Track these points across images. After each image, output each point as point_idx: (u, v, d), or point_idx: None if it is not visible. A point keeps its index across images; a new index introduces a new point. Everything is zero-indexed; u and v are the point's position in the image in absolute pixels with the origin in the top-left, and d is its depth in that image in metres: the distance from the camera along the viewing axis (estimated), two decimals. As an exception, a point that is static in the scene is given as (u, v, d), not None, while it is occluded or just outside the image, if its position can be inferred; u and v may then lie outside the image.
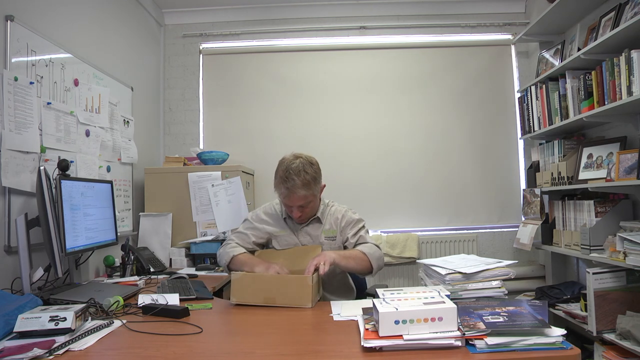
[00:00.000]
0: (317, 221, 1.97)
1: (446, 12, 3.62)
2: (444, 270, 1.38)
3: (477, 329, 1.04)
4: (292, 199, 1.82)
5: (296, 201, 1.82)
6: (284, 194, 1.83)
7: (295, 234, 1.96)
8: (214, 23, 3.67)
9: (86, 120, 2.43)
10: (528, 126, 3.18)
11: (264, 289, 1.55)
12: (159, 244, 2.89)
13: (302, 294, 1.52)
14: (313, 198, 1.87)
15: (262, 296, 1.54)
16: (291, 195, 1.81)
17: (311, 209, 1.91)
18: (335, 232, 1.95)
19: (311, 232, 1.96)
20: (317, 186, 1.89)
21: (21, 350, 1.09)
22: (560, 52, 2.95)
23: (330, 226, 1.96)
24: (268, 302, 1.54)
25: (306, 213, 1.89)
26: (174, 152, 3.53)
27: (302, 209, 1.86)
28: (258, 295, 1.55)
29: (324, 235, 1.95)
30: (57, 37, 2.22)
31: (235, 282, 1.58)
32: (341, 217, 1.96)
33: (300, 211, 1.86)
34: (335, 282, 1.99)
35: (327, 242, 1.94)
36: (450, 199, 3.59)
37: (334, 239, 1.95)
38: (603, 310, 2.18)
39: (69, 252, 1.85)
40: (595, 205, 2.51)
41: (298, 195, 1.80)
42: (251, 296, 1.56)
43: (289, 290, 1.53)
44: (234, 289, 1.58)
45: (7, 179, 1.83)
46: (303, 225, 1.96)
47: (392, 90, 3.64)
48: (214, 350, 1.17)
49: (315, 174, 1.86)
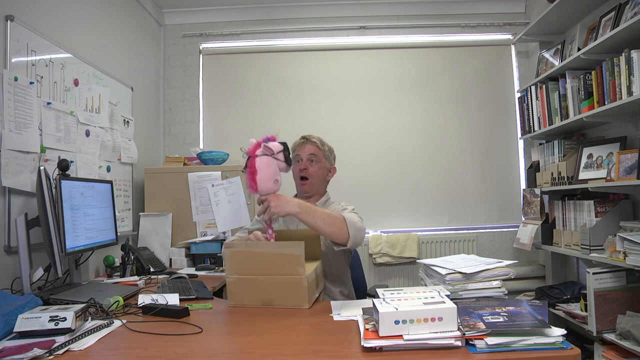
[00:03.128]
0: None
1: (446, 12, 3.62)
2: (444, 270, 1.38)
3: (477, 329, 1.04)
4: (305, 148, 1.98)
5: (308, 150, 1.97)
6: (298, 144, 2.00)
7: (293, 224, 1.95)
8: (214, 23, 3.68)
9: (86, 120, 2.43)
10: (528, 126, 3.18)
11: (260, 291, 1.52)
12: (159, 244, 2.89)
13: (298, 295, 1.49)
14: (322, 161, 1.99)
15: (259, 298, 1.53)
16: (305, 144, 1.98)
17: (316, 174, 1.97)
18: None
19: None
20: (330, 155, 2.04)
21: (21, 350, 1.09)
22: (560, 52, 2.95)
23: None
24: (265, 304, 1.52)
25: (312, 173, 1.95)
26: (174, 152, 3.53)
27: (310, 163, 1.95)
28: (254, 297, 1.53)
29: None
30: (57, 37, 2.22)
31: (231, 285, 1.55)
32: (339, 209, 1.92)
33: (307, 165, 1.94)
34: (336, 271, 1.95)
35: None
36: (450, 199, 3.59)
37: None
38: (603, 310, 2.18)
39: (69, 252, 1.85)
40: (595, 205, 2.51)
41: (312, 144, 1.97)
42: (248, 299, 1.54)
43: (285, 292, 1.50)
44: (230, 292, 1.56)
45: (7, 179, 1.83)
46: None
47: (392, 90, 3.64)
48: (214, 350, 1.17)
49: (331, 148, 2.05)
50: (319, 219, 1.58)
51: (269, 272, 1.51)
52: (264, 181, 1.52)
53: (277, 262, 1.50)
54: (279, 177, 1.56)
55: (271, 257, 1.52)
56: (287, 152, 1.56)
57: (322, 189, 2.06)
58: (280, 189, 1.60)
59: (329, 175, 2.06)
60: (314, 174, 1.97)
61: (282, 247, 1.53)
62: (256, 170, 1.52)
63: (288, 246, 1.51)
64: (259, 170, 1.52)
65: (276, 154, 1.53)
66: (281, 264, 1.49)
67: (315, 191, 2.01)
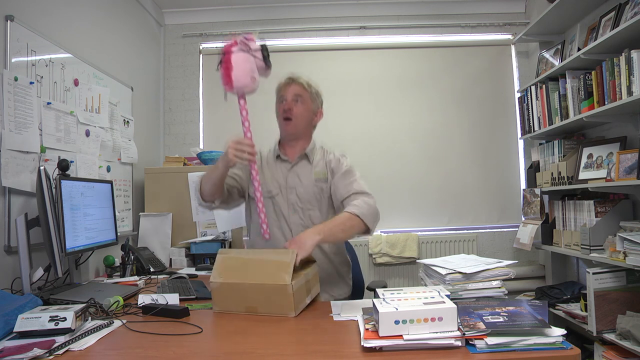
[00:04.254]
0: (305, 160, 1.87)
1: (446, 12, 3.62)
2: (444, 270, 1.38)
3: (477, 329, 1.04)
4: (290, 88, 1.83)
5: (293, 90, 1.82)
6: (283, 84, 1.84)
7: (283, 175, 1.85)
8: (214, 23, 3.67)
9: (86, 120, 2.43)
10: (528, 126, 3.18)
11: (244, 298, 1.46)
12: (159, 244, 2.89)
13: (284, 302, 1.41)
14: (308, 102, 1.84)
15: (242, 305, 1.46)
16: (290, 84, 1.83)
17: (301, 116, 1.83)
18: (327, 174, 1.83)
19: (300, 173, 1.84)
20: (317, 98, 1.89)
21: (21, 350, 1.09)
22: (560, 52, 2.95)
23: (322, 168, 1.85)
24: (249, 311, 1.45)
25: (296, 114, 1.81)
26: (174, 152, 3.53)
27: (295, 103, 1.82)
28: (239, 304, 1.47)
29: (315, 177, 1.83)
30: (57, 37, 2.22)
31: (215, 292, 1.49)
32: (334, 160, 1.85)
33: (292, 105, 1.81)
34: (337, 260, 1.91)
35: (318, 185, 1.82)
36: (450, 199, 3.59)
37: (326, 181, 1.83)
38: (603, 310, 2.18)
39: (69, 252, 1.85)
40: (595, 205, 2.51)
41: (297, 84, 1.82)
42: (232, 305, 1.48)
43: (270, 299, 1.43)
44: (214, 297, 1.50)
45: (7, 179, 1.83)
46: (293, 164, 1.86)
47: (392, 90, 3.64)
48: (214, 350, 1.17)
49: (318, 91, 1.89)
50: (339, 233, 1.61)
51: (254, 278, 1.45)
52: (240, 76, 1.45)
53: (265, 268, 1.45)
54: (256, 75, 1.48)
55: (260, 264, 1.48)
56: (266, 53, 1.47)
57: (308, 133, 1.92)
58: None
59: (315, 120, 1.91)
60: (299, 115, 1.83)
61: (274, 254, 1.50)
62: (232, 66, 1.45)
63: (281, 253, 1.48)
64: (235, 65, 1.45)
65: (254, 51, 1.45)
66: (268, 271, 1.44)
67: (299, 133, 1.87)
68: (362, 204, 1.68)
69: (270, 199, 1.83)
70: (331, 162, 1.85)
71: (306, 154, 1.88)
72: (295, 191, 1.83)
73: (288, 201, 1.83)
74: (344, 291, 1.94)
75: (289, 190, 1.83)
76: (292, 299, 1.40)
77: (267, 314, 1.43)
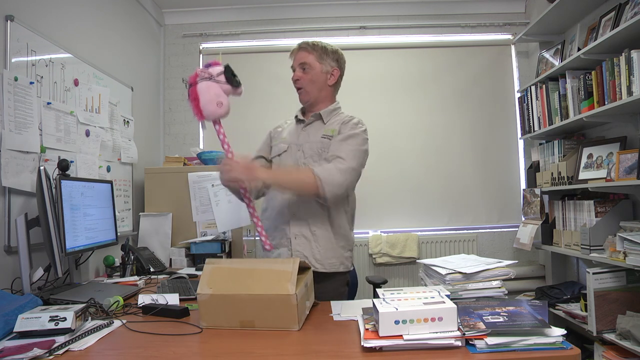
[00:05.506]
0: (320, 121, 1.86)
1: (446, 12, 3.62)
2: (444, 270, 1.38)
3: (477, 329, 1.04)
4: (296, 57, 1.89)
5: (299, 58, 1.87)
6: (291, 53, 1.93)
7: (297, 133, 1.88)
8: (214, 23, 3.68)
9: (86, 120, 2.43)
10: (528, 126, 3.18)
11: (239, 312, 1.29)
12: (159, 244, 2.89)
13: (286, 314, 1.26)
14: (316, 66, 1.84)
15: (236, 319, 1.29)
16: (296, 53, 1.89)
17: (310, 82, 1.84)
18: (335, 132, 1.79)
19: (311, 131, 1.84)
20: (327, 57, 1.87)
21: (21, 350, 1.09)
22: (560, 52, 2.95)
23: (333, 127, 1.83)
24: (245, 325, 1.28)
25: (304, 83, 1.85)
26: (174, 152, 3.53)
27: (303, 72, 1.85)
28: (232, 318, 1.29)
29: (323, 133, 1.81)
30: (57, 37, 2.22)
31: (203, 305, 1.31)
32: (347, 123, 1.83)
33: (300, 74, 1.85)
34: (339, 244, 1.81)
35: (324, 142, 1.79)
36: (450, 199, 3.59)
37: (331, 138, 1.79)
38: (603, 310, 2.18)
39: (69, 252, 1.85)
40: (595, 205, 2.51)
41: (302, 49, 1.87)
42: (224, 320, 1.30)
43: (269, 312, 1.27)
44: (202, 312, 1.32)
45: (7, 179, 1.83)
46: (306, 124, 1.87)
47: (392, 90, 3.64)
48: (214, 350, 1.17)
49: (326, 47, 1.88)
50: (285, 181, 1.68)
51: (251, 289, 1.29)
52: (206, 105, 1.48)
53: (264, 278, 1.31)
54: (223, 99, 1.51)
55: (258, 273, 1.34)
56: (230, 74, 1.49)
57: (325, 95, 1.90)
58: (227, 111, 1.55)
59: (331, 80, 1.89)
60: (307, 83, 1.85)
61: (272, 263, 1.39)
62: (198, 97, 1.48)
63: (280, 263, 1.36)
64: (200, 95, 1.48)
65: (216, 76, 1.48)
66: (268, 280, 1.30)
67: (314, 99, 1.88)
68: (331, 168, 1.66)
69: (278, 157, 1.89)
70: (343, 123, 1.83)
71: (320, 114, 1.87)
72: (302, 148, 1.84)
73: (293, 158, 1.84)
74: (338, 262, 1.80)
75: (297, 147, 1.85)
76: (295, 310, 1.26)
77: (266, 328, 1.27)
